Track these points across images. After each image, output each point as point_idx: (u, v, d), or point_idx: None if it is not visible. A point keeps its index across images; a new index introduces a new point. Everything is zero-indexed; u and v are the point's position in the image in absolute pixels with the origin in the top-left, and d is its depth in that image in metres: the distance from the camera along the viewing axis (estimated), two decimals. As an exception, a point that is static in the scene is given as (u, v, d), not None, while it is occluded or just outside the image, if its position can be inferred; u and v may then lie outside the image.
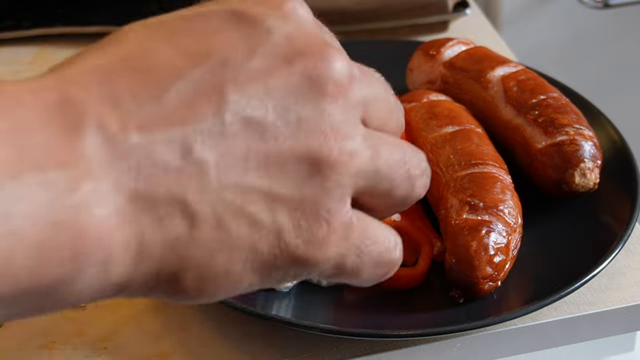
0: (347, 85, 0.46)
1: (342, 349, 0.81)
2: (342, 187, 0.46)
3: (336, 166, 0.45)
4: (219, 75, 0.44)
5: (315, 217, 0.45)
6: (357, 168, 0.46)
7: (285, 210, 0.45)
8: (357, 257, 0.49)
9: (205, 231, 0.43)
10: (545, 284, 0.83)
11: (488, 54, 1.05)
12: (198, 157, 0.42)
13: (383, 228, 0.50)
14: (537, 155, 0.93)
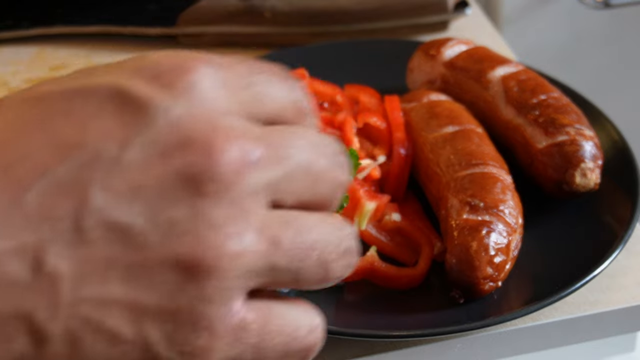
0: (235, 179, 0.40)
1: (342, 349, 0.81)
2: (225, 291, 0.40)
3: (213, 271, 0.40)
4: (86, 173, 0.39)
5: (192, 327, 0.41)
6: (245, 268, 0.41)
7: (154, 323, 0.40)
8: (256, 354, 0.43)
9: (53, 349, 0.40)
10: (545, 285, 0.83)
11: (488, 54, 1.05)
12: (50, 270, 0.39)
13: (297, 313, 0.45)
14: (538, 155, 0.93)
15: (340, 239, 0.45)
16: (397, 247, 0.89)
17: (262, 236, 0.41)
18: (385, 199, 0.90)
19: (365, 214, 0.87)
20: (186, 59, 0.42)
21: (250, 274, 0.41)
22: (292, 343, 0.44)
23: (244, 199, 0.41)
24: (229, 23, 1.25)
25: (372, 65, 1.07)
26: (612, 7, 1.68)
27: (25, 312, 0.39)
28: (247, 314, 0.42)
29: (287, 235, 0.42)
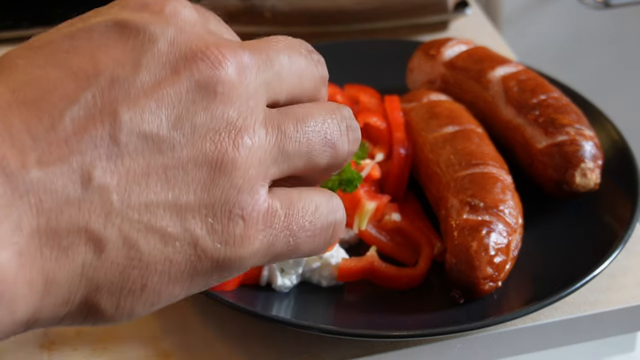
0: (238, 80, 0.46)
1: (342, 349, 0.81)
2: (249, 180, 0.46)
3: (236, 163, 0.45)
4: (110, 95, 0.44)
5: (228, 217, 0.45)
6: (262, 157, 0.46)
7: (196, 218, 0.45)
8: (289, 237, 0.49)
9: (113, 253, 0.43)
10: (545, 285, 0.83)
11: (488, 54, 1.05)
12: (99, 183, 0.43)
13: (315, 196, 0.50)
14: (538, 155, 0.93)
15: (338, 118, 0.51)
16: (397, 247, 0.89)
17: (269, 127, 0.47)
18: (385, 199, 0.90)
19: (365, 214, 0.87)
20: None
21: (268, 161, 0.47)
22: (316, 221, 0.50)
23: (248, 97, 0.47)
24: (229, 23, 1.24)
25: (372, 65, 1.07)
26: (612, 7, 1.68)
27: (82, 225, 0.43)
28: (273, 201, 0.47)
29: (290, 123, 0.49)
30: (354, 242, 0.90)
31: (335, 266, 0.85)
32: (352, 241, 0.90)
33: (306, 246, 0.50)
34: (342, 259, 0.86)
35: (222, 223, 0.45)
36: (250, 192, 0.46)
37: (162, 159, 0.44)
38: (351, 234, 0.90)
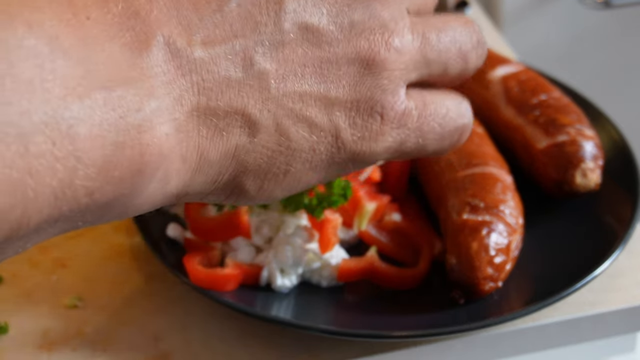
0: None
1: (342, 349, 0.81)
2: (393, 81, 0.48)
3: (386, 63, 0.48)
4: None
5: (369, 113, 0.48)
6: (407, 61, 0.49)
7: (341, 111, 0.47)
8: (419, 137, 0.51)
9: (265, 138, 0.46)
10: (546, 285, 0.83)
11: (488, 54, 1.04)
12: (259, 68, 0.44)
13: (446, 99, 0.54)
14: (538, 155, 0.92)
15: (471, 33, 0.54)
16: (397, 247, 0.89)
17: (415, 34, 0.50)
18: (385, 199, 0.90)
19: (365, 215, 0.87)
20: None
21: (411, 65, 0.49)
22: (446, 124, 0.53)
23: (401, 2, 0.49)
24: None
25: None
26: (612, 7, 1.68)
27: (239, 107, 0.45)
28: (409, 102, 0.50)
29: (432, 33, 0.51)
30: (354, 242, 0.90)
31: (335, 266, 0.85)
32: (352, 241, 0.90)
33: (433, 146, 0.53)
34: (342, 259, 0.86)
35: (363, 118, 0.48)
36: (392, 93, 0.48)
37: (319, 52, 0.46)
38: (351, 234, 0.90)
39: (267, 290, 0.84)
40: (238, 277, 0.83)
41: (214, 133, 0.44)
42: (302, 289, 0.85)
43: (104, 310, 0.84)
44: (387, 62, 0.48)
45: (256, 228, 0.85)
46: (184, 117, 0.43)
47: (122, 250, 0.91)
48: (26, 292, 0.86)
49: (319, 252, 0.84)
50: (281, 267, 0.84)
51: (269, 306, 0.82)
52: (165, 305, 0.85)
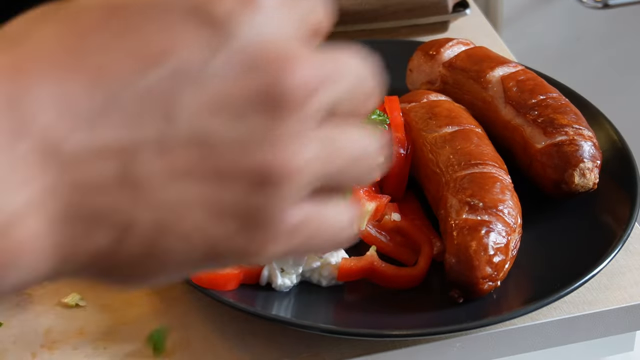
0: (306, 99, 0.44)
1: (342, 349, 0.81)
2: (289, 197, 0.45)
3: (283, 181, 0.44)
4: (175, 81, 0.42)
5: (259, 226, 0.45)
6: (307, 178, 0.45)
7: (227, 220, 0.44)
8: (306, 244, 0.48)
9: (134, 244, 0.43)
10: (544, 284, 0.83)
11: (488, 54, 1.05)
12: (137, 172, 0.41)
13: (337, 212, 0.50)
14: (537, 155, 0.93)
15: (377, 147, 0.50)
16: (397, 247, 0.89)
17: (322, 150, 0.46)
18: (385, 199, 0.90)
19: (365, 215, 0.87)
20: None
21: (311, 182, 0.46)
22: (335, 237, 0.50)
23: (311, 117, 0.45)
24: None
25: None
26: (611, 7, 1.68)
27: (109, 210, 0.41)
28: (304, 214, 0.47)
29: (340, 150, 0.48)
30: (354, 242, 0.90)
31: (335, 266, 0.85)
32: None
33: (314, 250, 0.51)
34: (342, 259, 0.86)
35: (251, 231, 0.45)
36: (285, 208, 0.45)
37: (210, 160, 0.43)
38: (351, 234, 0.90)
39: (267, 289, 0.84)
40: (238, 277, 0.83)
41: (82, 232, 0.41)
42: (302, 288, 0.85)
43: (104, 310, 0.85)
44: (285, 180, 0.44)
45: (256, 228, 0.85)
46: (53, 213, 0.40)
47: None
48: (27, 292, 0.86)
49: (319, 252, 0.84)
50: (281, 267, 0.84)
51: (269, 305, 0.82)
52: (165, 305, 0.85)
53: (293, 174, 0.44)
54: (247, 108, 0.43)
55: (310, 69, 0.45)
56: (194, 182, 0.43)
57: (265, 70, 0.43)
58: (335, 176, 0.48)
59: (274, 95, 0.43)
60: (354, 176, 0.50)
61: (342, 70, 0.48)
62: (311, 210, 0.48)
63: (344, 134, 0.48)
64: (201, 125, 0.42)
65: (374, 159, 0.50)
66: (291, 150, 0.44)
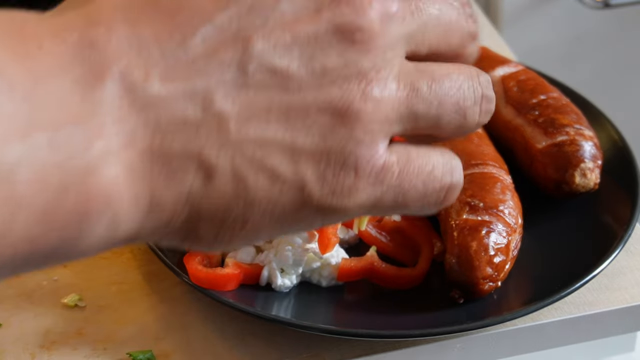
0: (379, 31, 0.44)
1: (342, 349, 0.81)
2: (370, 133, 0.44)
3: (361, 115, 0.44)
4: (246, 21, 0.42)
5: (341, 167, 0.44)
6: (388, 113, 0.44)
7: (308, 162, 0.43)
8: (398, 195, 0.46)
9: (221, 185, 0.42)
10: (545, 284, 0.83)
11: (488, 54, 1.05)
12: (218, 110, 0.41)
13: (433, 155, 0.48)
14: (538, 155, 0.93)
15: (475, 85, 0.48)
16: (397, 247, 0.89)
17: (402, 83, 0.45)
18: (385, 199, 0.90)
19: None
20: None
21: (393, 119, 0.45)
22: (430, 183, 0.47)
23: (386, 49, 0.44)
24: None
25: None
26: (611, 7, 1.68)
27: (195, 150, 0.41)
28: (390, 157, 0.45)
29: (424, 82, 0.46)
30: (354, 242, 0.91)
31: (335, 266, 0.85)
32: (352, 241, 0.90)
33: (414, 205, 0.48)
34: (342, 259, 0.86)
35: (334, 172, 0.44)
36: (369, 146, 0.44)
37: (286, 97, 0.42)
38: (351, 234, 0.90)
39: (267, 289, 0.84)
40: (238, 277, 0.83)
41: (166, 175, 0.41)
42: (302, 288, 0.85)
43: (104, 310, 0.84)
44: (362, 113, 0.43)
45: (256, 228, 0.85)
46: (135, 157, 0.40)
47: (122, 250, 0.91)
48: (27, 292, 0.86)
49: (319, 252, 0.84)
50: (281, 267, 0.84)
51: (269, 306, 0.82)
52: (165, 305, 0.85)
53: (371, 108, 0.44)
54: (322, 41, 0.43)
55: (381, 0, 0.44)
56: (274, 119, 0.42)
57: (335, 4, 0.43)
58: (421, 117, 0.46)
59: (345, 27, 0.43)
60: (448, 120, 0.47)
61: (419, 2, 0.47)
62: (402, 150, 0.46)
63: (431, 73, 0.47)
64: (278, 61, 0.42)
65: (470, 99, 0.48)
66: (367, 84, 0.44)
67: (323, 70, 0.43)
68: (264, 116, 0.42)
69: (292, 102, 0.43)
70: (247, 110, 0.42)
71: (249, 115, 0.42)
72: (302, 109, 0.43)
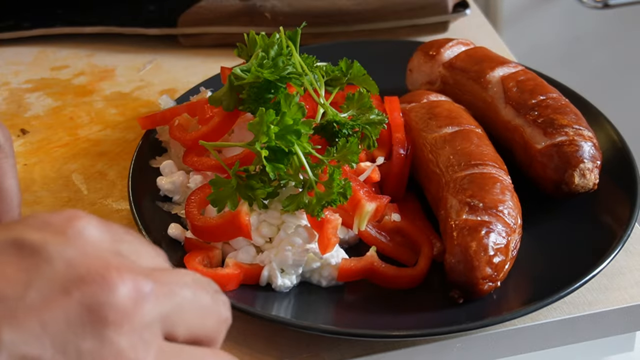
0: (133, 309, 0.44)
1: (342, 349, 0.81)
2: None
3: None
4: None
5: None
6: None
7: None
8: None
9: None
10: (544, 285, 0.83)
11: (488, 55, 1.05)
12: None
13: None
14: (537, 155, 0.93)
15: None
16: (397, 247, 0.89)
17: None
18: (385, 199, 0.90)
19: (365, 215, 0.87)
20: (71, 211, 0.47)
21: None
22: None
23: (142, 328, 0.45)
24: (229, 23, 1.26)
25: (372, 65, 1.08)
26: (611, 7, 1.69)
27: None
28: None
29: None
30: (354, 242, 0.91)
31: (335, 266, 0.85)
32: (352, 241, 0.91)
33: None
34: (342, 259, 0.86)
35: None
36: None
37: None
38: (351, 234, 0.90)
39: (267, 289, 0.85)
40: (238, 277, 0.84)
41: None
42: (302, 288, 0.85)
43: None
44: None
45: (256, 228, 0.86)
46: None
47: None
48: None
49: (319, 252, 0.84)
50: (281, 267, 0.84)
51: (269, 306, 0.82)
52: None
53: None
54: (75, 324, 0.43)
55: (134, 277, 0.45)
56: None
57: (85, 285, 0.44)
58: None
59: (97, 307, 0.44)
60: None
61: (176, 282, 0.48)
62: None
63: (186, 357, 0.47)
64: (28, 349, 0.42)
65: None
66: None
67: (78, 354, 0.43)
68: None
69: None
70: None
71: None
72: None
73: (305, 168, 0.83)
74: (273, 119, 0.81)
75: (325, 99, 0.92)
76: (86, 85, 1.21)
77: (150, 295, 0.45)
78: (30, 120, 1.14)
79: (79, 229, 0.46)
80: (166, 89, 1.19)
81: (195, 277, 0.50)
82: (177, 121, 0.97)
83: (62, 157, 1.07)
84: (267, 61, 0.88)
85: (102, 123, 1.13)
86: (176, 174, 0.94)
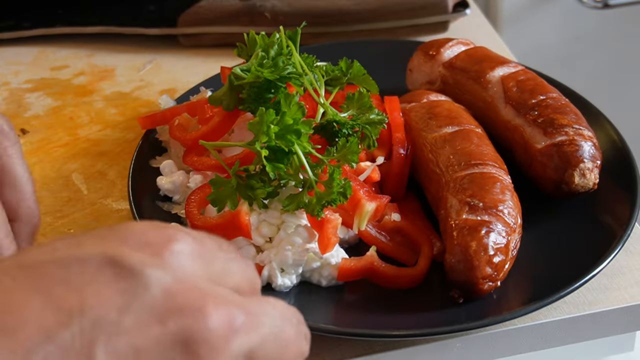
0: (224, 346, 0.45)
1: (342, 349, 0.81)
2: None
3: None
4: (89, 337, 0.43)
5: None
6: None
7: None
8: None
9: None
10: (544, 284, 0.83)
11: (488, 54, 1.05)
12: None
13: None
14: (537, 155, 0.93)
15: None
16: (397, 247, 0.89)
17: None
18: (385, 199, 0.90)
19: (365, 215, 0.87)
20: (168, 229, 0.47)
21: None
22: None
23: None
24: (229, 23, 1.26)
25: (372, 65, 1.08)
26: (611, 7, 1.69)
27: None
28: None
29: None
30: (354, 242, 0.91)
31: (335, 266, 0.85)
32: (352, 241, 0.91)
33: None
34: (342, 259, 0.86)
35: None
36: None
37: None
38: (351, 234, 0.90)
39: (267, 289, 0.85)
40: (238, 277, 0.83)
41: None
42: (302, 288, 0.85)
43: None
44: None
45: (256, 228, 0.86)
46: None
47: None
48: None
49: (319, 252, 0.84)
50: (281, 267, 0.84)
51: (270, 305, 0.82)
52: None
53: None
54: (164, 355, 0.44)
55: (228, 310, 0.45)
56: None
57: (180, 316, 0.44)
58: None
59: (190, 341, 0.44)
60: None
61: (264, 313, 0.48)
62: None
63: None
64: (134, 342, 0.43)
65: None
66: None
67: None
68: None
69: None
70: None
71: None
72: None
73: (305, 168, 0.83)
74: (273, 119, 0.81)
75: (325, 98, 0.92)
76: (86, 85, 1.21)
77: (241, 329, 0.46)
78: (30, 120, 1.14)
79: (176, 252, 0.46)
80: (166, 88, 1.19)
81: (284, 307, 0.50)
82: (177, 121, 0.97)
83: (62, 157, 1.07)
84: (267, 61, 0.88)
85: (102, 123, 1.13)
86: (176, 174, 0.94)
